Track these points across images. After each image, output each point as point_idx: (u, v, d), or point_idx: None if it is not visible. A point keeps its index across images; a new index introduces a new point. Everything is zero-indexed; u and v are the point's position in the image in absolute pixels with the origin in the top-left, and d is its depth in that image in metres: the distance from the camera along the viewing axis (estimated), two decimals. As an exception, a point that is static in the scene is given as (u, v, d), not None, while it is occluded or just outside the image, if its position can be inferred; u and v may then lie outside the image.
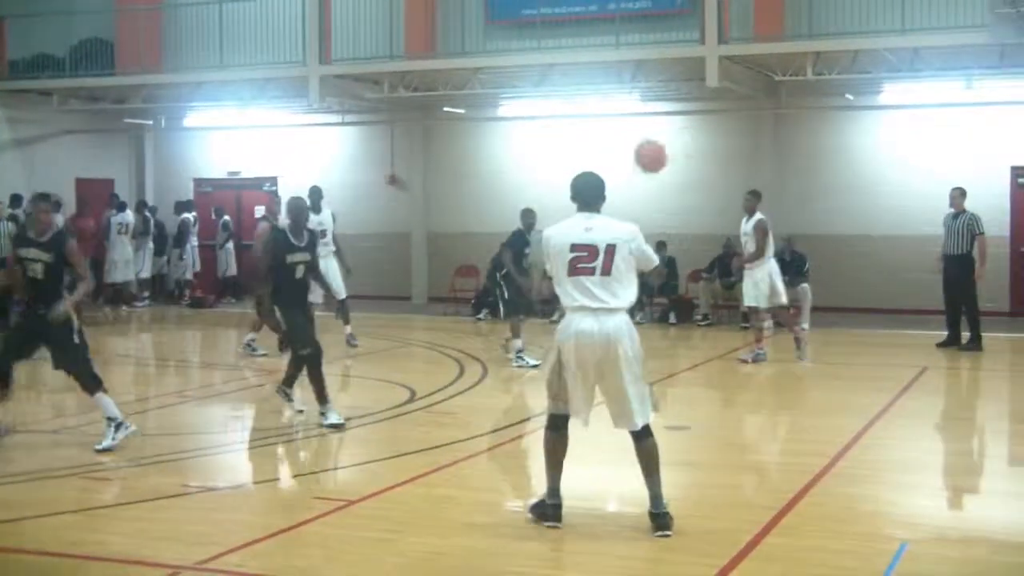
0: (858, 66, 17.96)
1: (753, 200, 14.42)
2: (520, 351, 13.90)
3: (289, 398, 10.73)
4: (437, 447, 9.32)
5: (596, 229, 6.79)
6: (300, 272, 10.20)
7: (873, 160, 19.94)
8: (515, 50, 20.61)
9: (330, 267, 14.36)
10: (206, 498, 8.04)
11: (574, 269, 6.69)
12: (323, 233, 14.16)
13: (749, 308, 14.73)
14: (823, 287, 18.50)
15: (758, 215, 14.25)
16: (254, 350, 14.87)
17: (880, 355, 15.68)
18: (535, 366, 13.29)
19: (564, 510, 6.94)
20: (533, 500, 7.08)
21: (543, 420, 7.14)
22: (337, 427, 9.93)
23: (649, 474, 6.84)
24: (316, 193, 15.46)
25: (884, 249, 19.66)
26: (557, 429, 6.93)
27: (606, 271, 6.71)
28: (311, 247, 10.34)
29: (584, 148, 21.07)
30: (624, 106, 20.97)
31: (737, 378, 13.99)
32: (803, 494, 7.73)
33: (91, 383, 9.33)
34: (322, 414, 10.05)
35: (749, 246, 14.24)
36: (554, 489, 6.90)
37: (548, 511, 6.89)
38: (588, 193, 6.98)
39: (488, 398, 12.29)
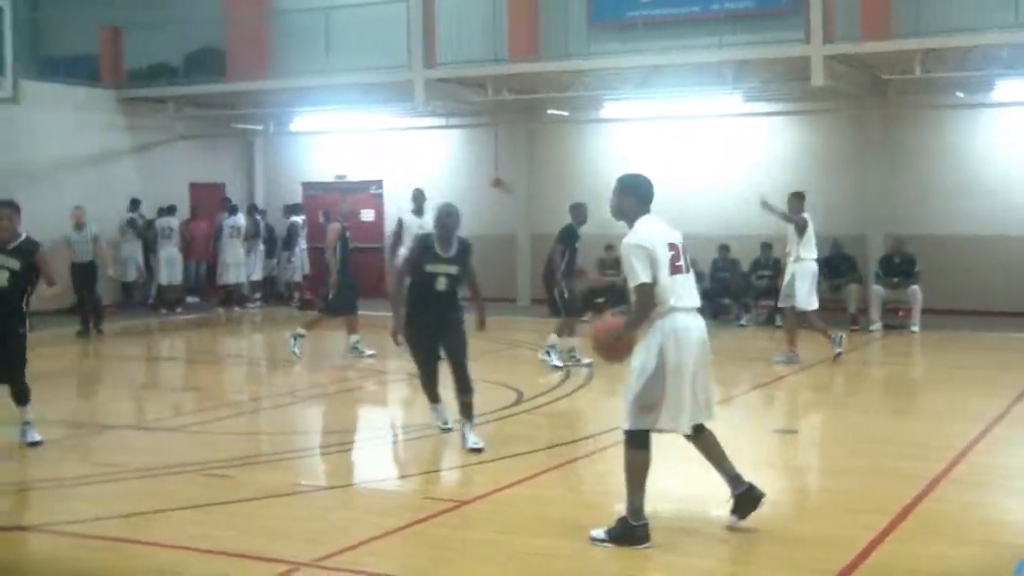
0: (970, 63, 17.55)
1: (796, 201, 14.36)
2: (572, 349, 14.15)
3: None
4: (545, 449, 9.34)
5: (668, 228, 6.74)
6: (442, 284, 9.39)
7: (987, 159, 19.39)
8: (618, 52, 20.54)
9: None
10: (319, 496, 8.15)
11: (673, 268, 6.57)
12: None
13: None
14: (936, 289, 18.09)
15: (803, 215, 14.23)
16: (361, 352, 15.03)
17: (997, 358, 15.30)
18: (588, 364, 13.71)
19: (664, 513, 6.88)
20: (601, 529, 6.66)
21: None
22: (445, 430, 9.90)
23: (720, 462, 6.83)
24: (420, 196, 15.62)
25: (999, 249, 19.11)
26: (645, 447, 6.61)
27: (688, 269, 6.71)
28: (461, 258, 9.49)
29: (687, 149, 20.98)
30: (727, 107, 20.76)
31: (846, 381, 13.77)
32: (918, 500, 7.55)
33: (26, 395, 9.49)
34: (433, 410, 10.00)
35: (791, 246, 14.25)
36: (640, 510, 6.59)
37: (639, 532, 6.55)
38: (652, 194, 6.82)
39: (594, 400, 12.25)
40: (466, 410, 9.40)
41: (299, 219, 23.33)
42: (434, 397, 9.89)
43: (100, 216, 20.62)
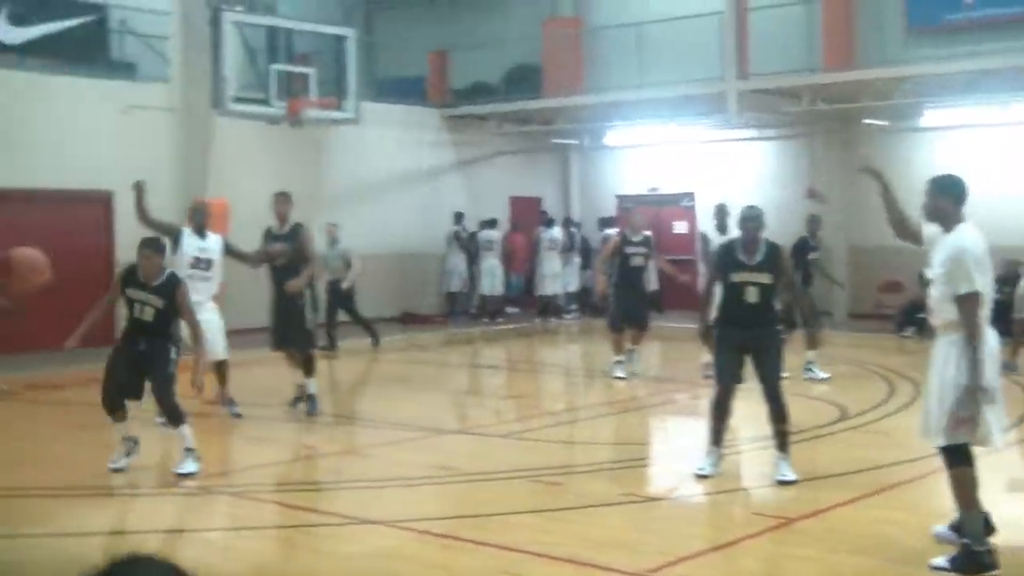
0: None
1: None
2: (810, 363, 13.77)
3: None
4: (875, 468, 9.03)
5: None
6: (752, 296, 8.56)
7: None
8: (938, 57, 19.67)
9: None
10: (645, 507, 8.20)
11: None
12: None
13: None
14: None
15: None
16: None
17: None
18: (825, 379, 13.44)
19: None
20: (943, 556, 6.30)
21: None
22: (700, 476, 8.89)
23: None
24: (722, 211, 15.10)
25: None
26: (969, 462, 6.29)
27: None
28: (770, 265, 8.63)
29: (1017, 159, 19.85)
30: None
31: None
32: None
33: (176, 416, 9.11)
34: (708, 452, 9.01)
35: None
36: (980, 533, 6.22)
37: (985, 559, 6.15)
38: (967, 195, 6.51)
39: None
40: (781, 439, 8.63)
41: (613, 232, 23.52)
42: (716, 437, 8.81)
43: (427, 228, 21.68)
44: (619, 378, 14.37)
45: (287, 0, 19.37)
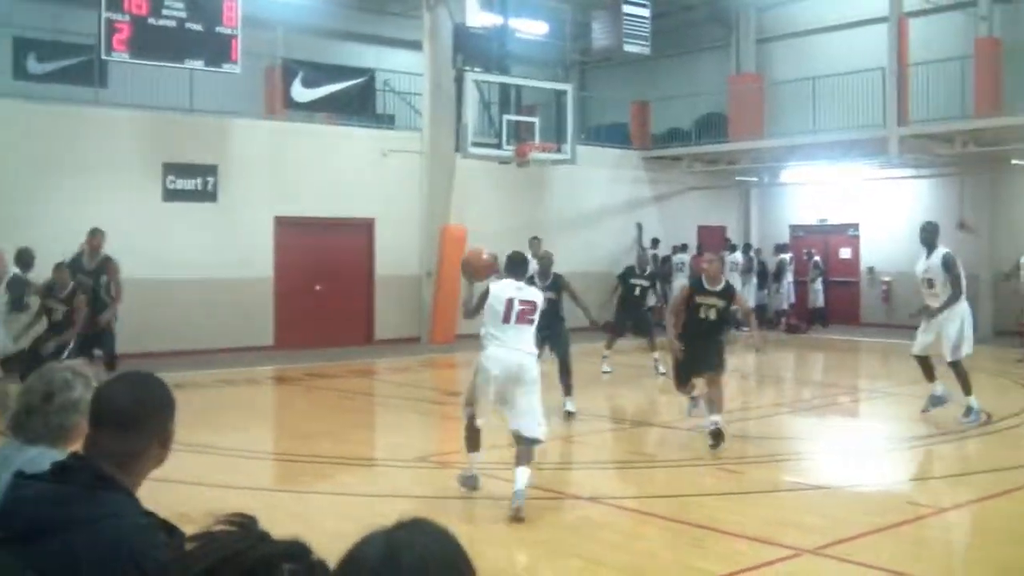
0: None
1: None
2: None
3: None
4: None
5: None
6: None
7: None
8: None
9: None
10: (814, 494, 8.04)
11: None
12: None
13: None
14: None
15: None
16: None
17: None
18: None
19: None
20: None
21: None
22: None
23: None
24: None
25: None
26: None
27: None
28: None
29: None
30: None
31: None
32: None
33: None
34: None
35: None
36: None
37: None
38: None
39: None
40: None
41: (787, 256, 23.14)
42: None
43: (628, 251, 21.66)
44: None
45: (517, 61, 19.74)
